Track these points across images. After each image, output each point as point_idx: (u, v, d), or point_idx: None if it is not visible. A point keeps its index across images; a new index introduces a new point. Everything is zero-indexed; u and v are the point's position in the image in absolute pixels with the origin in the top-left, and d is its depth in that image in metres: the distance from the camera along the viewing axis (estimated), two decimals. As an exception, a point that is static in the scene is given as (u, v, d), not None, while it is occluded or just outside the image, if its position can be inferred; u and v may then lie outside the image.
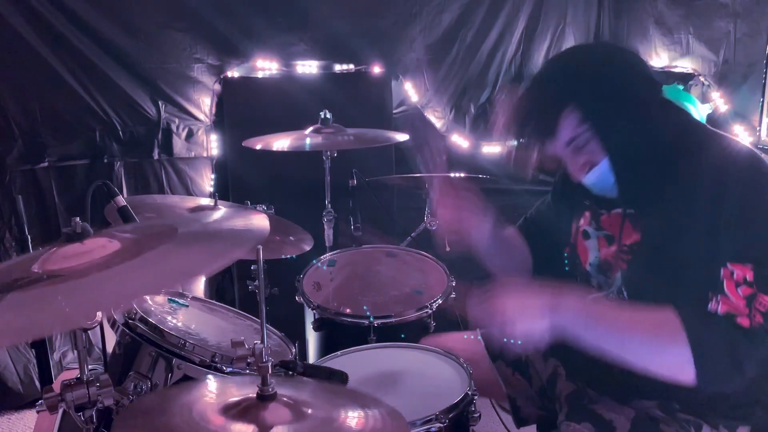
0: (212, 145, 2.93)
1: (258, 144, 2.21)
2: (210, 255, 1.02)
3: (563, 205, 1.61)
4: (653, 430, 1.38)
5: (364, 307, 1.86)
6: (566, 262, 1.54)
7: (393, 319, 1.81)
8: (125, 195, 2.72)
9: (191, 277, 1.38)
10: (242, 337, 1.13)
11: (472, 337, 1.74)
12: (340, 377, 1.26)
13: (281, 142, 2.21)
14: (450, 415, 1.33)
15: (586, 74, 1.30)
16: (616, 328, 1.24)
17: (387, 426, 1.04)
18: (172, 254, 1.00)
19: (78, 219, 1.07)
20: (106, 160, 2.78)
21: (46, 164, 2.70)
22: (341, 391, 1.22)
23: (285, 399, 1.07)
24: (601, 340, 1.25)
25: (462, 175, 2.69)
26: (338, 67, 3.01)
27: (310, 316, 1.92)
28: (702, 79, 2.80)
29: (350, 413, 1.07)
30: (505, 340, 1.25)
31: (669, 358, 1.20)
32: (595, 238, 1.47)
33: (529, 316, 1.23)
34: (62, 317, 0.86)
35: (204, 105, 2.89)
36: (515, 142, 1.37)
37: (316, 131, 2.27)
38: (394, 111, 3.10)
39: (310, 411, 1.06)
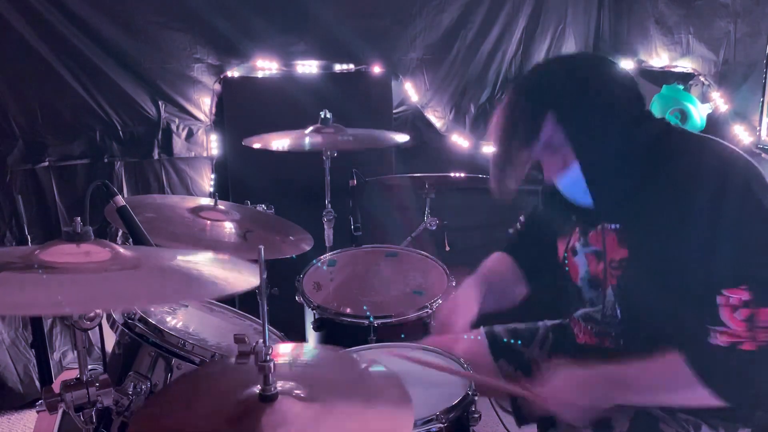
0: (212, 145, 2.92)
1: (256, 143, 2.20)
2: (174, 292, 1.07)
3: (549, 220, 1.62)
4: (652, 429, 1.38)
5: (364, 307, 1.86)
6: (566, 277, 1.55)
7: (393, 319, 1.81)
8: (125, 195, 2.73)
9: (151, 304, 1.41)
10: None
11: (473, 337, 1.74)
12: None
13: (281, 142, 2.21)
14: (450, 416, 1.33)
15: (564, 83, 1.33)
16: (635, 389, 1.33)
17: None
18: (149, 279, 1.04)
19: (79, 219, 1.07)
20: (106, 160, 2.78)
21: (46, 164, 2.70)
22: (345, 381, 1.22)
23: (288, 397, 1.07)
24: (628, 401, 1.35)
25: (462, 175, 2.69)
26: (338, 67, 3.00)
27: (310, 316, 1.92)
28: (702, 79, 2.80)
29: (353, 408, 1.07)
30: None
31: (695, 398, 1.26)
32: (582, 254, 1.49)
33: (568, 410, 1.35)
34: (51, 302, 0.91)
35: (204, 105, 2.89)
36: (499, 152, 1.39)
37: (316, 131, 2.27)
38: (394, 111, 3.10)
39: (311, 407, 1.06)
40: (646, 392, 1.32)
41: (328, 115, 2.29)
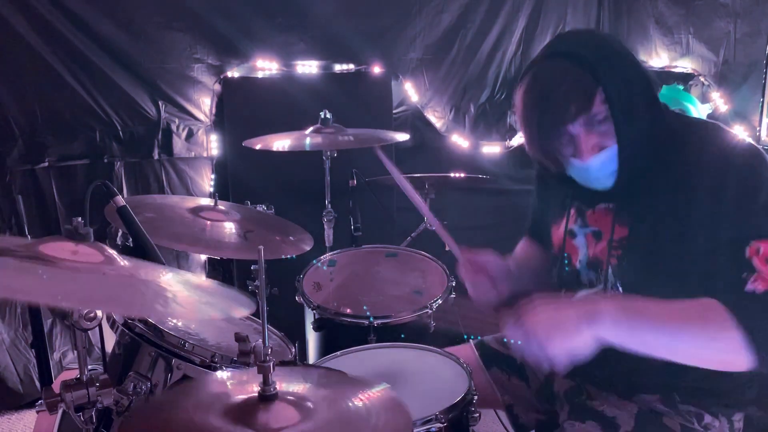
0: (212, 145, 2.93)
1: (258, 144, 2.21)
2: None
3: (545, 204, 1.60)
4: (657, 424, 1.38)
5: (364, 307, 1.86)
6: (566, 262, 1.53)
7: (393, 319, 1.81)
8: (125, 195, 2.73)
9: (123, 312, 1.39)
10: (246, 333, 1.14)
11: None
12: None
13: (281, 143, 2.21)
14: (450, 415, 1.33)
15: (612, 61, 1.28)
16: (662, 323, 1.20)
17: (389, 419, 1.04)
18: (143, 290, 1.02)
19: (81, 219, 1.07)
20: (106, 160, 2.78)
21: (46, 164, 2.70)
22: (343, 384, 1.22)
23: (288, 397, 1.07)
24: (647, 341, 1.20)
25: (462, 175, 2.70)
26: (338, 67, 3.01)
27: (310, 316, 1.92)
28: (702, 79, 2.80)
29: (353, 408, 1.06)
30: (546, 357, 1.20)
31: (721, 345, 1.18)
32: (582, 235, 1.47)
33: (566, 332, 1.18)
34: (46, 291, 0.90)
35: (204, 105, 2.90)
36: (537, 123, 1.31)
37: (316, 131, 2.27)
38: (394, 111, 3.10)
39: (311, 407, 1.06)
40: (674, 327, 1.19)
41: (328, 115, 2.29)
